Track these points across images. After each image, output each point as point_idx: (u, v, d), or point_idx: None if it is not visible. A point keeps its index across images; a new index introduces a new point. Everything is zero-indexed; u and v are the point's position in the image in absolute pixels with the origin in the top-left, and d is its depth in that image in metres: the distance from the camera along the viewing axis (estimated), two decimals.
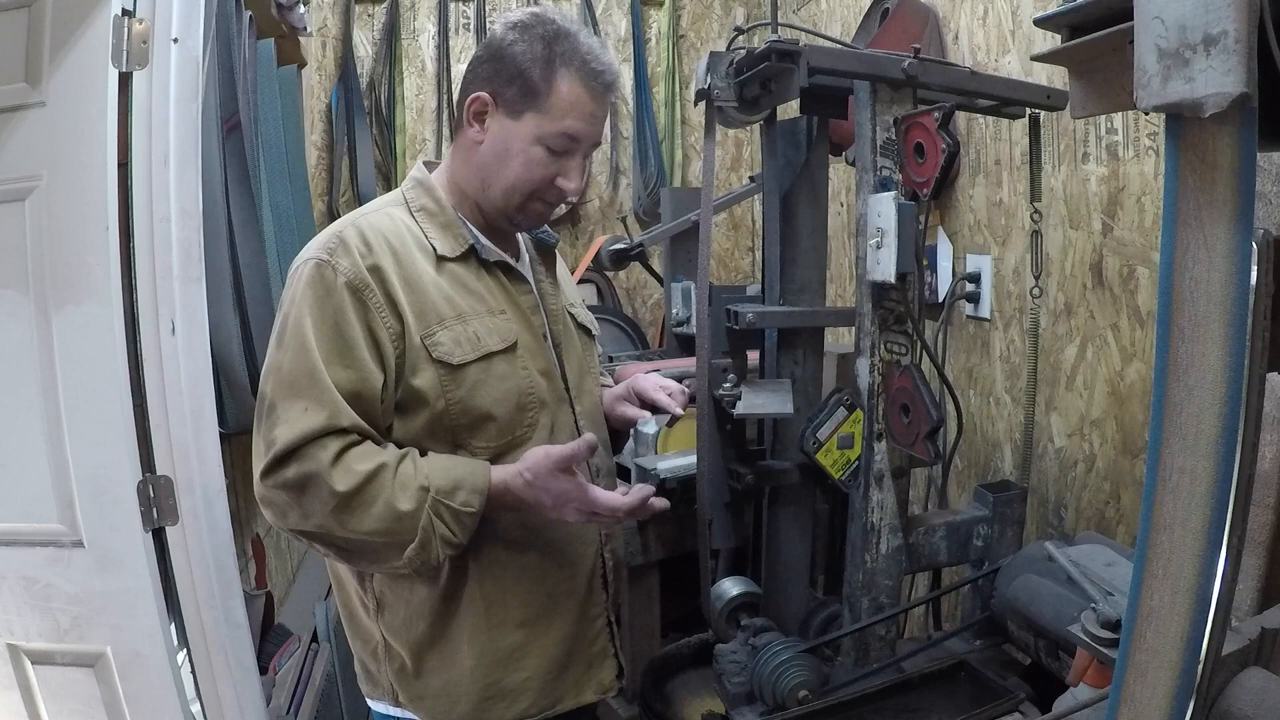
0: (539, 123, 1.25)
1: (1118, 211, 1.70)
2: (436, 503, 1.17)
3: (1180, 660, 0.80)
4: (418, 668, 1.30)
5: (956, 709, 1.42)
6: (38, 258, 1.57)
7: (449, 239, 1.30)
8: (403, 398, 1.23)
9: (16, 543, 1.62)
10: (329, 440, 1.15)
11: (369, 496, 1.15)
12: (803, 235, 1.70)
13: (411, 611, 1.29)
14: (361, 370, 1.18)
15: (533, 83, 1.25)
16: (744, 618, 1.64)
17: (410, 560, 1.18)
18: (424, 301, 1.23)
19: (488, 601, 1.29)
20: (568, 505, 1.23)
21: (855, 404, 1.56)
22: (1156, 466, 0.80)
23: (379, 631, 1.32)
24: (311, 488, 1.14)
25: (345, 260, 1.20)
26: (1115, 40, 0.84)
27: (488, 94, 1.28)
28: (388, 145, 3.28)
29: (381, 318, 1.20)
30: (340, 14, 3.22)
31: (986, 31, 2.07)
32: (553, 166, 1.28)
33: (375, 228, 1.26)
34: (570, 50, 1.25)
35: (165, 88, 1.59)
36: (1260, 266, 0.79)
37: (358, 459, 1.16)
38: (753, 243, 3.66)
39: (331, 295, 1.19)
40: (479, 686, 1.29)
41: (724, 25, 3.53)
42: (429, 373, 1.22)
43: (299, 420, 1.15)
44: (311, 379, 1.16)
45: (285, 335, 1.20)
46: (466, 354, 1.24)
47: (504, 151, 1.28)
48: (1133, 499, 1.70)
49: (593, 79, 1.26)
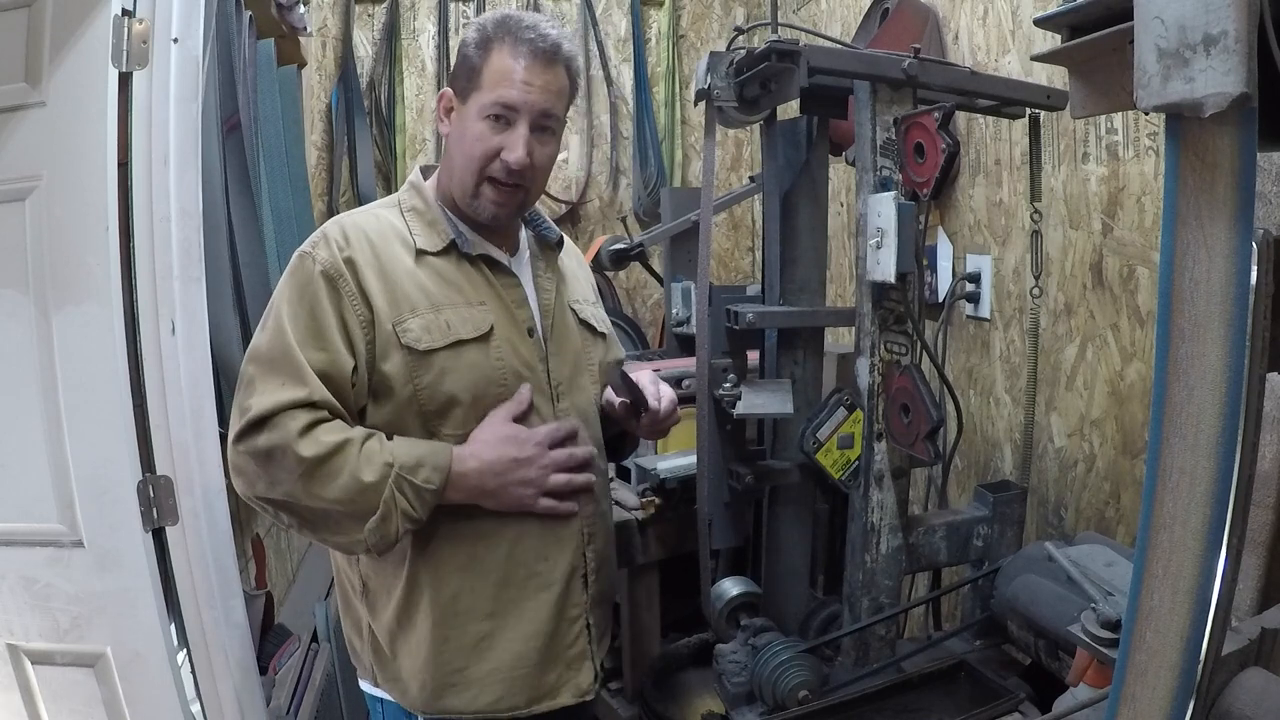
0: (479, 98, 1.31)
1: (1118, 211, 1.70)
2: (400, 478, 1.23)
3: (1180, 660, 0.80)
4: (391, 649, 1.35)
5: (956, 709, 1.42)
6: (38, 258, 1.57)
7: (431, 234, 1.36)
8: (374, 382, 1.29)
9: (16, 543, 1.62)
10: (299, 412, 1.22)
11: (335, 467, 1.21)
12: (803, 235, 1.70)
13: (387, 594, 1.34)
14: (332, 352, 1.25)
15: (473, 64, 1.32)
16: (744, 618, 1.64)
17: (371, 532, 1.23)
18: (396, 291, 1.30)
19: (455, 589, 1.32)
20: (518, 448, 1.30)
21: (855, 404, 1.56)
22: (1156, 466, 0.80)
23: (364, 612, 1.38)
24: (279, 454, 1.21)
25: (324, 252, 1.29)
26: (1115, 40, 0.84)
27: (450, 88, 1.37)
28: (388, 145, 3.29)
29: (353, 305, 1.27)
30: (340, 14, 3.22)
31: (986, 31, 2.07)
32: (495, 139, 1.31)
33: (357, 224, 1.34)
34: (506, 29, 1.32)
35: (165, 88, 1.59)
36: (1260, 266, 0.79)
37: (326, 431, 1.22)
38: (753, 243, 3.66)
39: (310, 284, 1.27)
40: (443, 672, 1.32)
41: (724, 25, 3.53)
42: (397, 358, 1.28)
43: (274, 393, 1.22)
44: (287, 357, 1.24)
45: (267, 320, 1.29)
46: (435, 340, 1.29)
47: (460, 136, 1.34)
48: (1133, 499, 1.70)
49: (522, 44, 1.30)
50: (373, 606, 1.36)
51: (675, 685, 1.85)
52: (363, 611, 1.38)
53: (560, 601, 1.37)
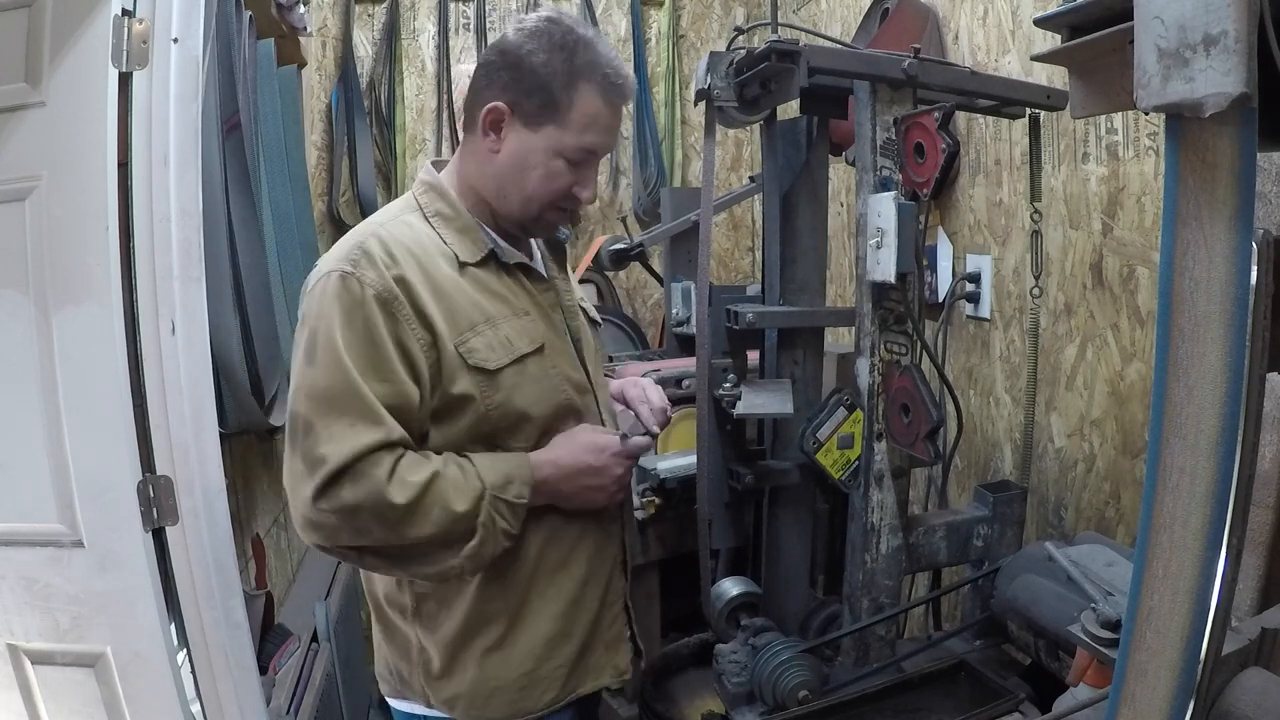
0: (559, 136, 1.25)
1: (1118, 211, 1.70)
2: (494, 499, 1.21)
3: (1180, 660, 0.80)
4: (450, 666, 1.31)
5: (956, 709, 1.42)
6: (38, 258, 1.56)
7: (468, 244, 1.30)
8: (441, 406, 1.23)
9: (16, 543, 1.62)
10: (382, 456, 1.16)
11: (426, 505, 1.17)
12: (803, 235, 1.70)
13: (448, 609, 1.30)
14: (396, 383, 1.18)
15: (554, 96, 1.24)
16: (744, 618, 1.64)
17: (468, 558, 1.21)
18: (454, 309, 1.23)
19: (525, 592, 1.32)
20: (596, 457, 1.30)
21: (855, 404, 1.56)
22: (1156, 466, 0.80)
23: (414, 634, 1.33)
24: (369, 506, 1.15)
25: (371, 272, 1.19)
26: (1115, 40, 0.84)
27: (505, 104, 1.26)
28: (388, 145, 3.28)
29: (411, 329, 1.20)
30: (340, 14, 3.22)
31: (986, 31, 2.07)
32: (570, 177, 1.29)
33: (395, 237, 1.24)
34: (591, 63, 1.25)
35: (165, 88, 1.59)
36: (1260, 266, 0.79)
37: (409, 470, 1.17)
38: (753, 243, 3.66)
39: (360, 308, 1.17)
40: (515, 677, 1.31)
41: (724, 25, 3.53)
42: (466, 380, 1.23)
43: (347, 437, 1.14)
44: (352, 394, 1.15)
45: (316, 351, 1.17)
46: (501, 358, 1.25)
47: (522, 164, 1.27)
48: (1133, 499, 1.70)
49: (614, 93, 1.26)
50: (428, 624, 1.32)
51: (675, 685, 1.85)
52: (413, 633, 1.33)
53: (606, 590, 1.40)
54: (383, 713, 3.16)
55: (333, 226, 3.27)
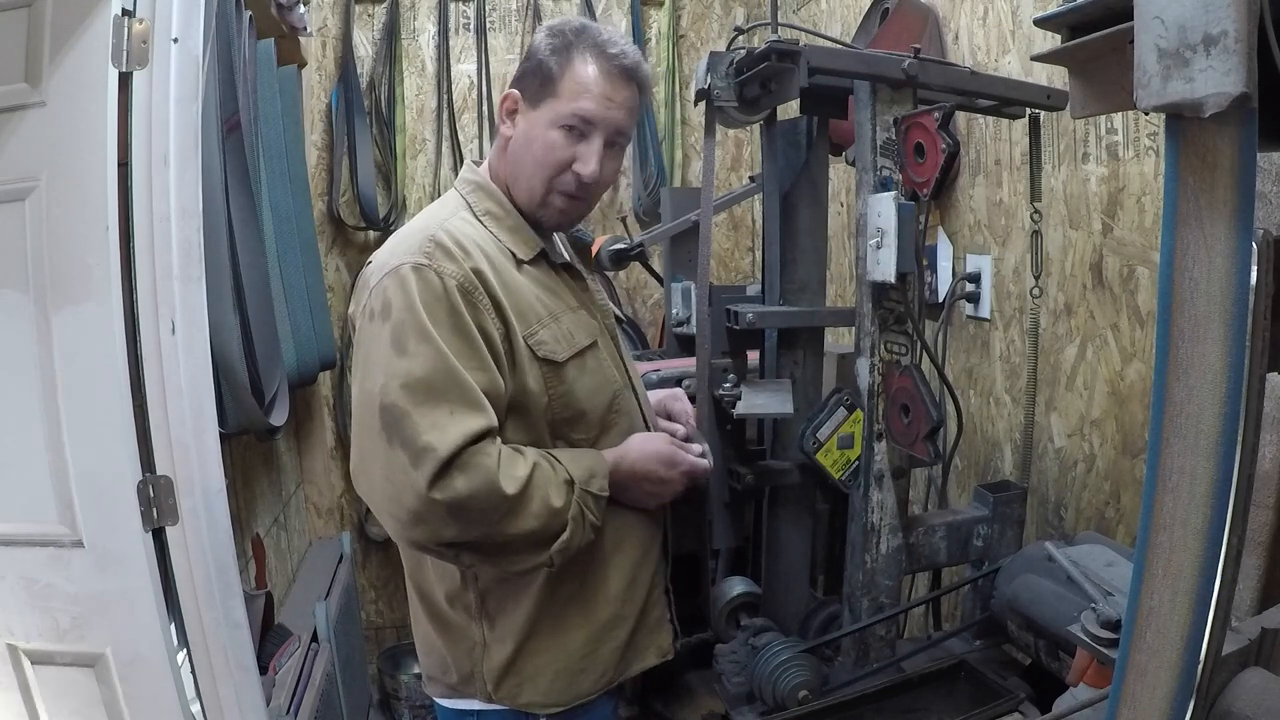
0: (555, 106, 1.28)
1: (1118, 211, 1.70)
2: (583, 493, 1.24)
3: (1180, 660, 0.80)
4: (516, 657, 1.32)
5: (956, 709, 1.42)
6: (37, 258, 1.56)
7: (521, 242, 1.34)
8: (513, 398, 1.26)
9: (16, 543, 1.62)
10: (488, 444, 1.16)
11: (529, 498, 1.19)
12: (803, 235, 1.70)
13: (515, 599, 1.32)
14: (489, 372, 1.20)
15: (550, 70, 1.29)
16: (744, 618, 1.64)
17: (558, 552, 1.23)
18: (522, 302, 1.27)
19: (593, 580, 1.34)
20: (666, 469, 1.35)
21: (855, 404, 1.56)
22: (1156, 466, 0.80)
23: (480, 629, 1.33)
24: (483, 496, 1.15)
25: (449, 264, 1.21)
26: (1115, 40, 0.84)
27: (516, 90, 1.33)
28: (388, 145, 3.28)
29: (490, 320, 1.22)
30: (340, 14, 3.22)
31: (986, 31, 2.07)
32: (568, 150, 1.30)
33: (461, 232, 1.28)
34: (587, 39, 1.30)
35: (165, 88, 1.59)
36: (1260, 266, 0.79)
37: (510, 463, 1.18)
38: (753, 243, 3.66)
39: (445, 299, 1.18)
40: (577, 660, 1.33)
41: (724, 25, 3.53)
42: (535, 371, 1.26)
43: (451, 424, 1.13)
44: (452, 380, 1.15)
45: (407, 341, 1.16)
46: (566, 351, 1.29)
47: (527, 141, 1.31)
48: (1133, 499, 1.70)
49: (605, 60, 1.29)
50: (494, 619, 1.32)
51: (675, 685, 1.85)
52: (478, 630, 1.34)
53: (654, 573, 1.43)
54: (383, 713, 3.16)
55: (333, 226, 3.28)
